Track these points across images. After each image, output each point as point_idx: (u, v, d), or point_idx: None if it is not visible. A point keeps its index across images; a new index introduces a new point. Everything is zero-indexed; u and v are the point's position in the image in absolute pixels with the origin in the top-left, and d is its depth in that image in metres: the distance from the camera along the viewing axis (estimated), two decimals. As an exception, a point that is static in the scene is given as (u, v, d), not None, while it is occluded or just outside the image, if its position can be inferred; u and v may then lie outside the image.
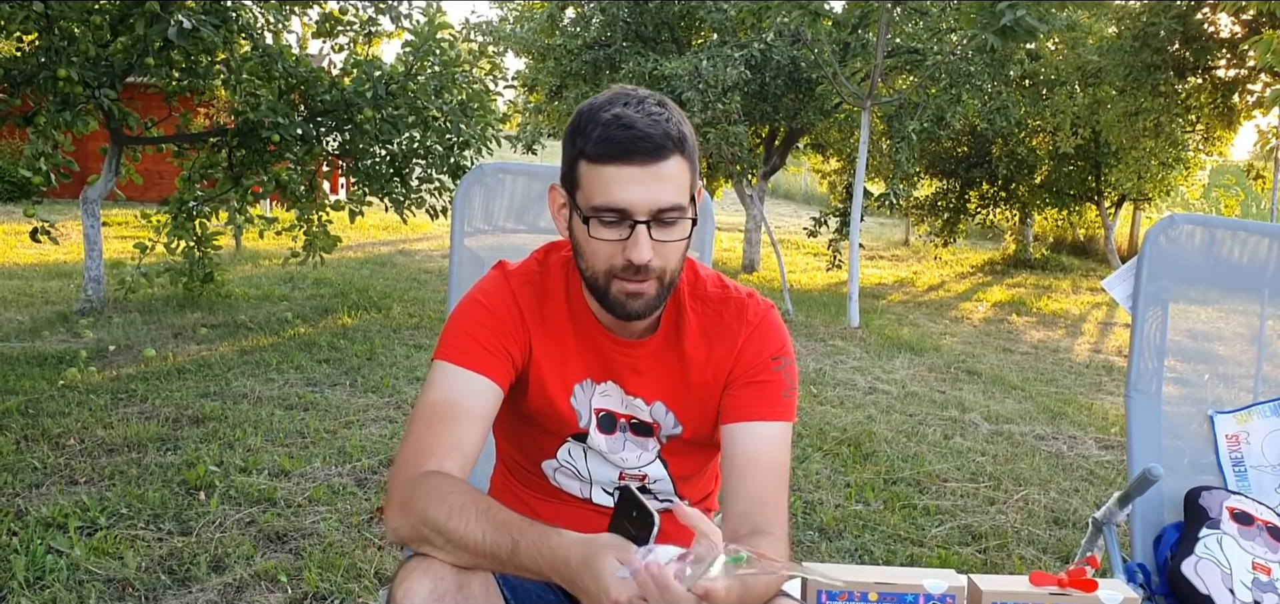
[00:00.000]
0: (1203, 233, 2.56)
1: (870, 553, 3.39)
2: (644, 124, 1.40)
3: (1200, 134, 12.66)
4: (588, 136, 1.42)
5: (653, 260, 1.43)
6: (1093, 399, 6.22)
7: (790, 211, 23.01)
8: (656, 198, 1.41)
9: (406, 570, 1.37)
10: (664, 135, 1.41)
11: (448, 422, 1.48)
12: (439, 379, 1.52)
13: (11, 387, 4.66)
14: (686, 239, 1.48)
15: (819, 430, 4.86)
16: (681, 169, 1.43)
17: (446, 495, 1.37)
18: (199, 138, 7.20)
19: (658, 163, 1.41)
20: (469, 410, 1.49)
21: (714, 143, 9.36)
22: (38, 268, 8.63)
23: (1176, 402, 2.51)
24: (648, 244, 1.42)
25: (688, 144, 1.45)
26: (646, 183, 1.40)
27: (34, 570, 2.83)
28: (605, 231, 1.44)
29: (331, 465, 3.90)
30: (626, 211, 1.41)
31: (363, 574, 2.98)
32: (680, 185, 1.43)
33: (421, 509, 1.38)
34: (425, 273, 9.94)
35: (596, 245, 1.45)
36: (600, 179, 1.42)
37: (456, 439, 1.47)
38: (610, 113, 1.42)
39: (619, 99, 1.44)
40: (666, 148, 1.41)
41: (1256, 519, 2.22)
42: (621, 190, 1.41)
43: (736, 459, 1.55)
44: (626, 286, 1.46)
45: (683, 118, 1.46)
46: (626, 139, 1.39)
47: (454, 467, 1.44)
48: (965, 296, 11.65)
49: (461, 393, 1.50)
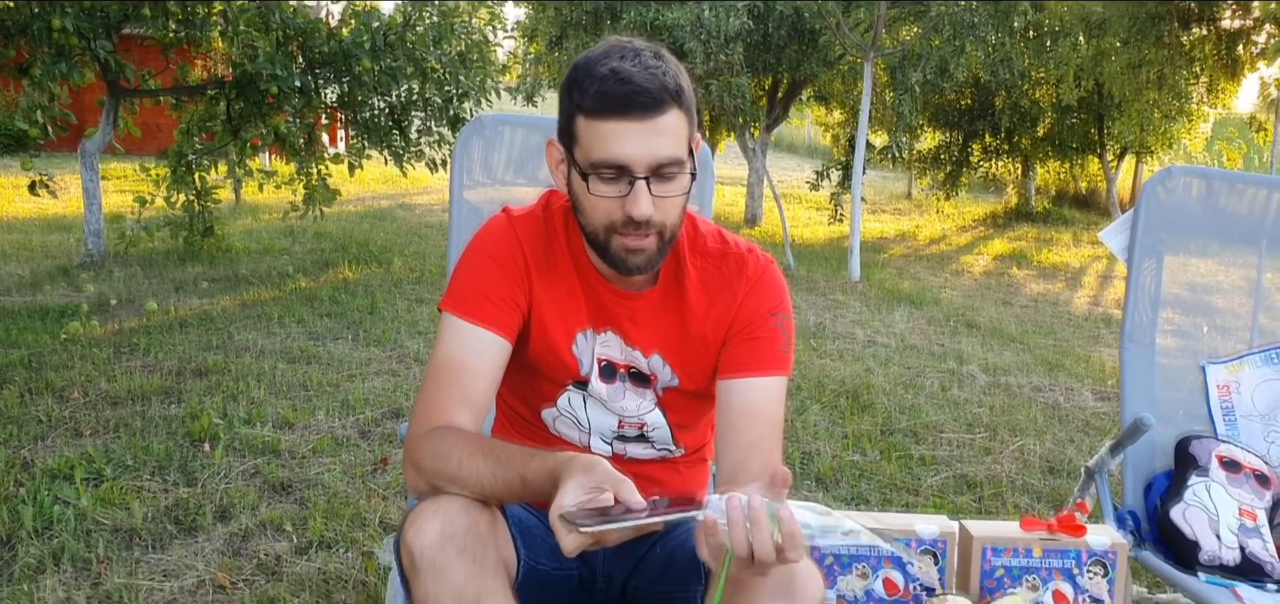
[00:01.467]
0: (1200, 184, 2.56)
1: (866, 501, 3.43)
2: (641, 78, 1.39)
3: (1204, 85, 12.59)
4: (584, 91, 1.42)
5: (653, 215, 1.43)
6: (1090, 350, 6.25)
7: (793, 164, 22.93)
8: (655, 152, 1.41)
9: (417, 513, 1.40)
10: (661, 88, 1.40)
11: (456, 379, 1.51)
12: (448, 335, 1.55)
13: (14, 340, 4.69)
14: (686, 193, 1.48)
15: (818, 382, 4.89)
16: (679, 122, 1.43)
17: (453, 447, 1.41)
18: (197, 90, 7.18)
19: (656, 117, 1.40)
20: (476, 367, 1.52)
21: (716, 94, 9.31)
22: (37, 221, 8.64)
23: (1172, 353, 2.53)
24: (648, 199, 1.42)
25: (685, 96, 1.44)
26: (645, 137, 1.40)
27: (42, 519, 2.87)
28: (604, 187, 1.43)
29: (335, 417, 3.94)
30: (625, 167, 1.41)
31: (367, 522, 3.02)
32: (678, 138, 1.43)
33: (432, 466, 1.42)
34: (426, 226, 9.95)
35: (596, 201, 1.45)
36: (598, 134, 1.41)
37: (464, 394, 1.50)
38: (607, 67, 1.40)
39: (615, 52, 1.43)
40: (664, 101, 1.40)
41: (1244, 466, 2.25)
42: (620, 145, 1.40)
43: (732, 413, 1.57)
44: (627, 242, 1.46)
45: (680, 69, 1.45)
46: (624, 93, 1.38)
47: (464, 420, 1.48)
48: (966, 249, 11.65)
49: (469, 350, 1.53)
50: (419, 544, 1.36)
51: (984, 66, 10.95)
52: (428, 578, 1.35)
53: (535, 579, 1.57)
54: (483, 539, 1.39)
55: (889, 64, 9.85)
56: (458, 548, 1.35)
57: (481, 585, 1.35)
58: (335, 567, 2.75)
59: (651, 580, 1.64)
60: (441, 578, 1.34)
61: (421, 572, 1.35)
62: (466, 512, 1.39)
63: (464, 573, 1.35)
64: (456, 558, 1.35)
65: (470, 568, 1.35)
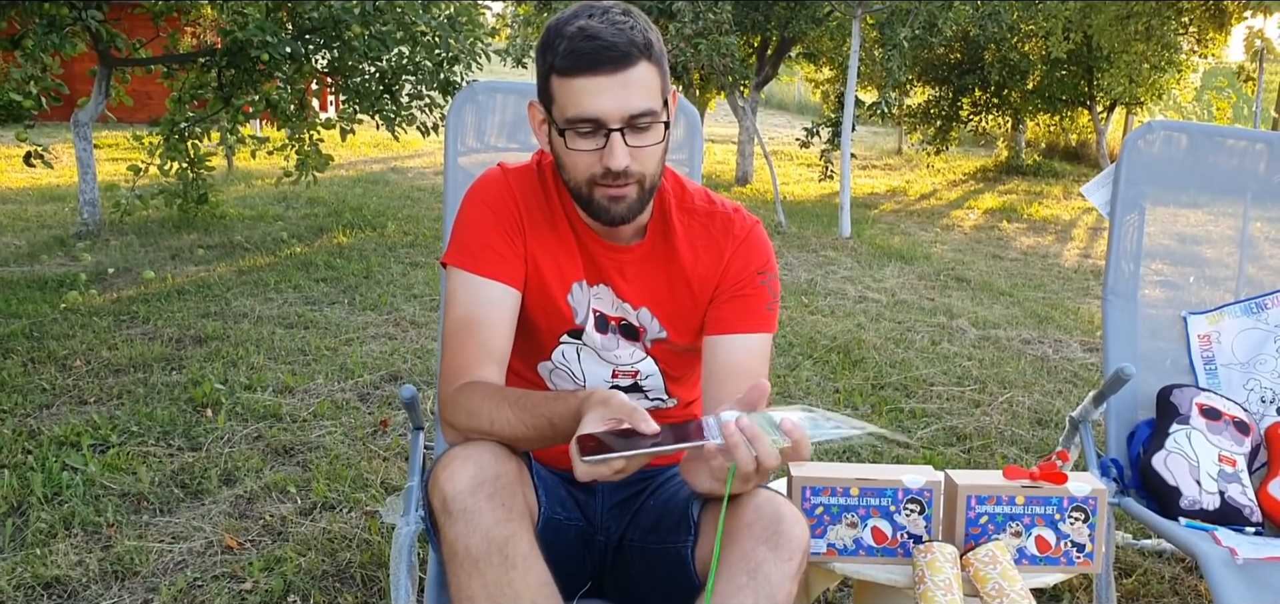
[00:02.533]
0: (1182, 138, 2.61)
1: (857, 454, 3.50)
2: (608, 34, 1.45)
3: (1192, 36, 12.59)
4: (556, 51, 1.48)
5: (630, 165, 1.50)
6: (1079, 303, 6.33)
7: (784, 122, 22.90)
8: (627, 104, 1.47)
9: (448, 458, 1.47)
10: (629, 43, 1.46)
11: (474, 334, 1.58)
12: (459, 291, 1.61)
13: (15, 311, 4.73)
14: (663, 143, 1.54)
15: (809, 339, 4.95)
16: (650, 74, 1.49)
17: (484, 402, 1.50)
18: (188, 58, 7.16)
19: (625, 70, 1.46)
20: (492, 318, 1.60)
21: (706, 53, 9.30)
22: (31, 192, 8.64)
23: (1159, 304, 2.59)
24: (623, 151, 1.48)
25: (655, 49, 1.50)
26: (615, 91, 1.46)
27: (51, 486, 2.93)
28: (582, 142, 1.50)
29: (334, 381, 4.00)
30: (599, 120, 1.47)
31: (369, 484, 3.09)
32: (650, 90, 1.49)
33: (465, 422, 1.52)
34: (418, 190, 9.96)
35: (575, 156, 1.52)
36: (571, 91, 1.47)
37: (486, 348, 1.58)
38: (575, 25, 1.46)
39: (583, 11, 1.49)
40: (633, 55, 1.46)
41: (1224, 414, 2.32)
42: (592, 100, 1.46)
43: (718, 369, 1.64)
44: (609, 191, 1.52)
45: (649, 24, 1.51)
46: (592, 50, 1.45)
47: (489, 373, 1.56)
48: (957, 204, 11.70)
49: (483, 302, 1.60)
50: (452, 488, 1.44)
51: (972, 21, 10.95)
52: (459, 521, 1.42)
53: (551, 527, 1.64)
54: (511, 486, 1.46)
55: (877, 20, 9.84)
56: (488, 494, 1.43)
57: (510, 530, 1.43)
58: (339, 527, 2.82)
59: (644, 533, 1.71)
60: (472, 522, 1.42)
61: (453, 515, 1.43)
62: (496, 459, 1.46)
63: (494, 516, 1.42)
64: (487, 503, 1.42)
65: (500, 512, 1.43)
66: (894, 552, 1.82)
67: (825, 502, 1.81)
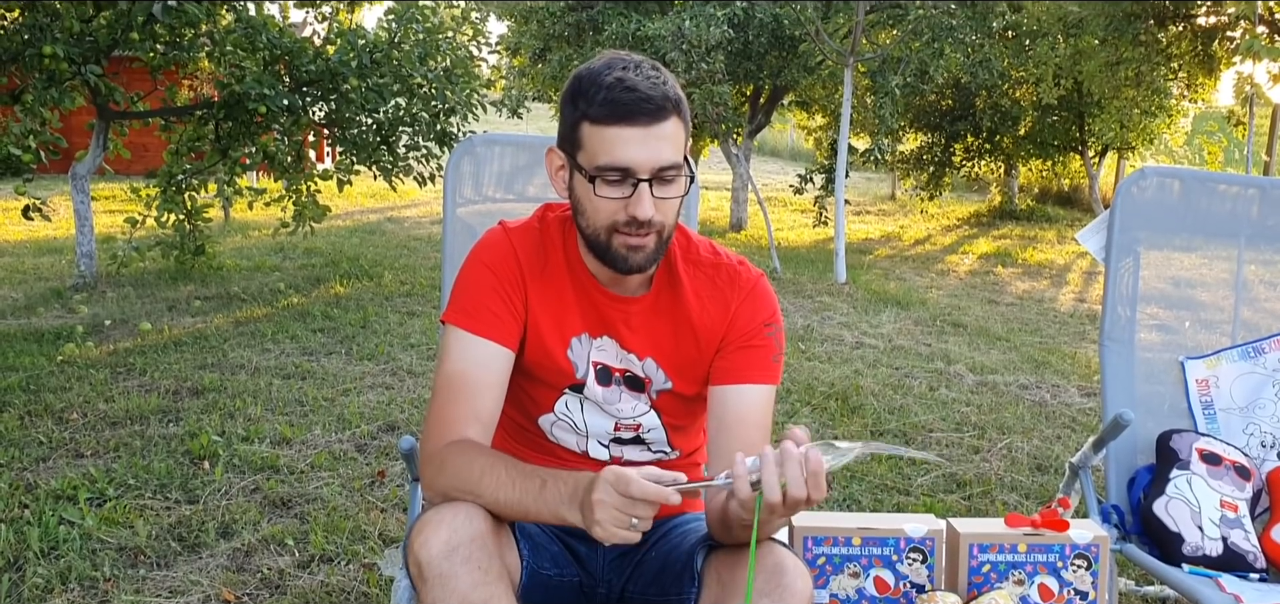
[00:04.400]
0: (1175, 184, 2.63)
1: (858, 503, 3.49)
2: (645, 87, 1.49)
3: (1182, 82, 12.72)
4: (591, 99, 1.51)
5: (654, 216, 1.52)
6: (1076, 348, 6.34)
7: (778, 168, 23.02)
8: (657, 156, 1.50)
9: (423, 523, 1.46)
10: (664, 98, 1.50)
11: (464, 392, 1.59)
12: (453, 348, 1.62)
13: (11, 363, 4.71)
14: (683, 196, 1.58)
15: (807, 385, 4.96)
16: (678, 129, 1.53)
17: (473, 461, 1.51)
18: (185, 111, 7.21)
19: (659, 123, 1.50)
20: (483, 379, 1.60)
21: (699, 103, 9.38)
22: (28, 244, 8.65)
23: (1155, 349, 2.59)
24: (650, 201, 1.51)
25: (683, 106, 1.55)
26: (648, 143, 1.49)
27: (48, 541, 2.91)
28: (609, 190, 1.53)
29: (331, 432, 3.99)
30: (630, 170, 1.50)
31: (367, 535, 3.07)
32: (677, 144, 1.53)
33: (450, 481, 1.52)
34: (414, 240, 9.99)
35: (600, 203, 1.54)
36: (605, 139, 1.50)
37: (474, 409, 1.58)
38: (612, 76, 1.50)
39: (618, 64, 1.53)
40: (666, 109, 1.50)
41: (1224, 459, 2.32)
42: (625, 150, 1.49)
43: (725, 418, 1.65)
44: (629, 240, 1.54)
45: (676, 81, 1.56)
46: (630, 101, 1.48)
47: (475, 434, 1.57)
48: (951, 249, 11.75)
49: (475, 361, 1.61)
50: (426, 554, 1.43)
51: (963, 68, 11.04)
52: (435, 587, 1.42)
53: (538, 584, 1.63)
54: (488, 548, 1.45)
55: (869, 69, 9.94)
56: (463, 558, 1.42)
57: (487, 593, 1.42)
58: (337, 580, 2.80)
59: (646, 585, 1.71)
60: (448, 587, 1.41)
61: (428, 581, 1.42)
62: (471, 521, 1.46)
63: (470, 580, 1.42)
64: (463, 567, 1.42)
65: (476, 576, 1.42)
66: (897, 602, 1.81)
67: (827, 552, 1.81)
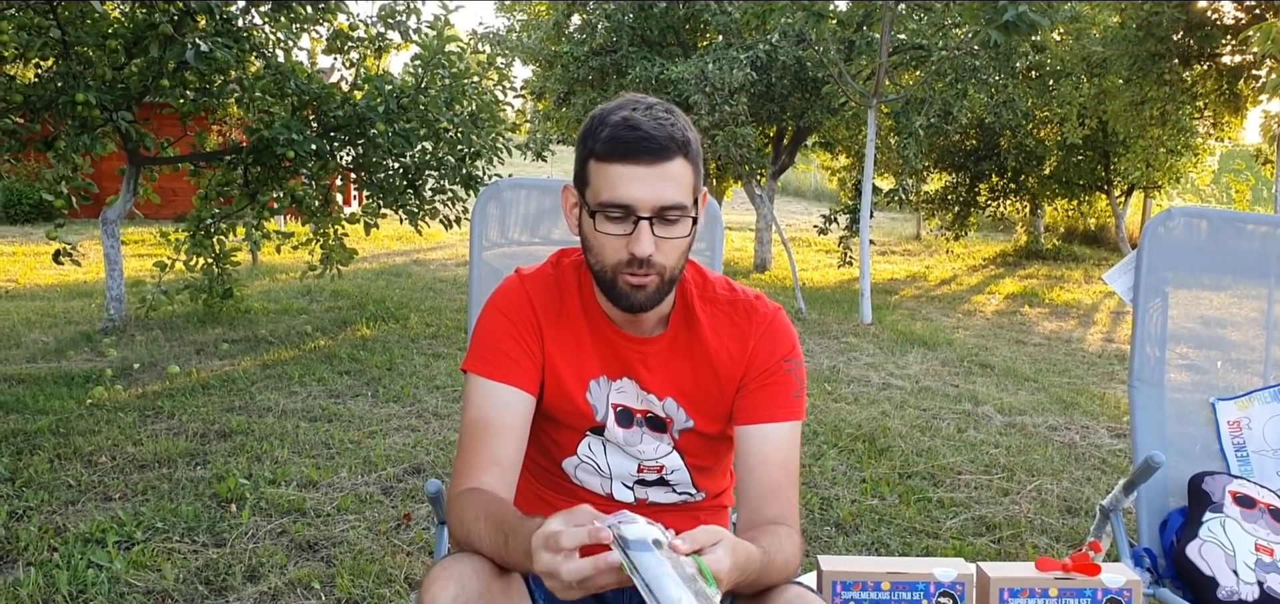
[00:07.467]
0: (1202, 224, 2.61)
1: (886, 546, 3.46)
2: (650, 126, 1.50)
3: (1208, 121, 12.66)
4: (597, 137, 1.53)
5: (655, 255, 1.52)
6: (1105, 388, 6.27)
7: (801, 209, 23.04)
8: (659, 195, 1.50)
9: (432, 576, 1.45)
10: (668, 138, 1.50)
11: (484, 438, 1.60)
12: (473, 395, 1.63)
13: (41, 406, 4.77)
14: (688, 238, 1.58)
15: (834, 427, 4.93)
16: (684, 170, 1.53)
17: (468, 510, 1.51)
18: (215, 156, 7.31)
19: (662, 163, 1.50)
20: (503, 423, 1.61)
21: (722, 145, 9.43)
22: (59, 289, 8.77)
23: (1186, 389, 2.56)
24: (650, 239, 1.51)
25: (692, 148, 1.55)
26: (650, 181, 1.50)
27: (76, 585, 2.93)
28: (611, 226, 1.53)
29: (358, 475, 4.00)
30: (631, 207, 1.51)
31: (393, 580, 3.07)
32: (682, 185, 1.53)
33: (456, 529, 1.53)
34: (440, 282, 10.04)
35: (603, 239, 1.55)
36: (607, 176, 1.51)
37: (494, 453, 1.59)
38: (619, 115, 1.52)
39: (628, 104, 1.54)
40: (670, 149, 1.51)
41: (1259, 502, 2.28)
42: (626, 187, 1.50)
43: (751, 459, 1.64)
44: (630, 279, 1.55)
45: (688, 124, 1.56)
46: (633, 139, 1.49)
47: (494, 480, 1.56)
48: (977, 290, 11.68)
49: (494, 406, 1.61)
50: None
51: (987, 108, 11.05)
52: None
53: None
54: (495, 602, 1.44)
55: (893, 109, 9.96)
56: None
57: None
58: (364, 624, 2.80)
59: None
60: None
61: None
62: (479, 576, 1.44)
63: None
64: None
65: None
66: (927, 646, 1.79)
67: (856, 597, 1.79)
